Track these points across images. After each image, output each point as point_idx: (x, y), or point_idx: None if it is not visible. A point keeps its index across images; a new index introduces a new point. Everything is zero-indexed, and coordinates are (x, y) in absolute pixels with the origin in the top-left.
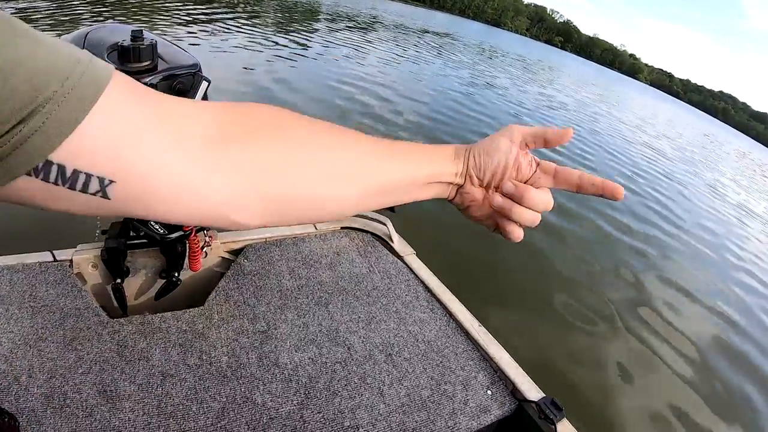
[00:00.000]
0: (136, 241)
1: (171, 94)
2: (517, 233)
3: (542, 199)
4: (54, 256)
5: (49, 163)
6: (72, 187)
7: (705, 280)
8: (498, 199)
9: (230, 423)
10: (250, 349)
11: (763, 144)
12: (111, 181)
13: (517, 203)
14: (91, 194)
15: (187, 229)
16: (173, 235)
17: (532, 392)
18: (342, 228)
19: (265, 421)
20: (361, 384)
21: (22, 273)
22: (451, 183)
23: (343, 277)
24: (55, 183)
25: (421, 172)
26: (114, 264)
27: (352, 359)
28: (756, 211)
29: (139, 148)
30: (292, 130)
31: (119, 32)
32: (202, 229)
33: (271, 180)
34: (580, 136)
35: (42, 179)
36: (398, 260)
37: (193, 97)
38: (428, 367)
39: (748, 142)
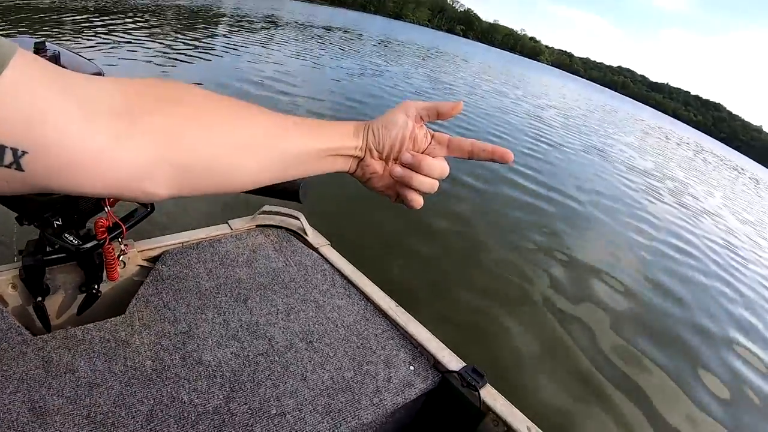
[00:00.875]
0: (53, 257)
1: None
2: (418, 200)
3: (438, 166)
4: None
5: None
6: None
7: (603, 241)
8: (398, 170)
9: (159, 424)
10: (173, 351)
11: (662, 111)
12: (24, 152)
13: (416, 172)
14: (5, 166)
15: (101, 238)
16: (87, 245)
17: (453, 363)
18: (257, 226)
19: (193, 417)
20: (284, 372)
21: None
22: (352, 156)
23: (260, 273)
24: None
25: (323, 145)
26: (33, 282)
27: (274, 350)
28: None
29: (49, 120)
30: (198, 102)
31: (23, 45)
32: (115, 237)
33: (180, 149)
34: (486, 114)
35: None
36: (313, 252)
37: None
38: (349, 349)
39: (649, 112)
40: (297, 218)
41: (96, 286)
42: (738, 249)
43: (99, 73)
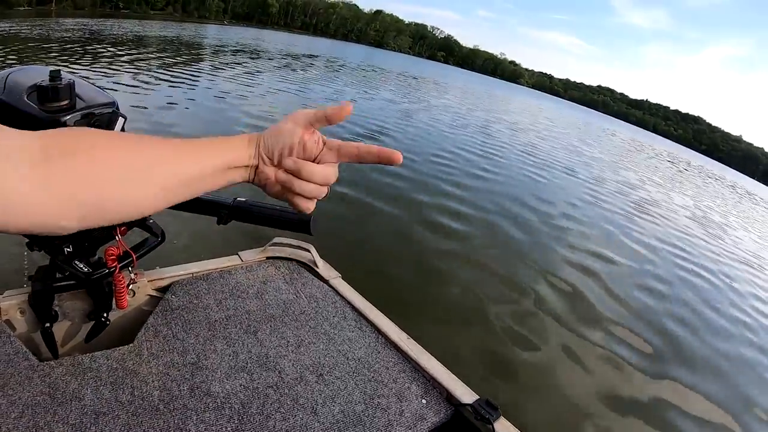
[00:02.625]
0: (62, 283)
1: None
2: (305, 204)
3: (320, 172)
4: None
5: None
6: None
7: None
8: (281, 175)
9: None
10: (181, 381)
11: (642, 128)
12: None
13: (297, 178)
14: None
15: (111, 266)
16: (97, 273)
17: (467, 396)
18: (267, 258)
19: None
20: (294, 405)
21: None
22: (247, 166)
23: (270, 305)
24: None
25: (218, 161)
26: (42, 308)
27: (284, 382)
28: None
29: None
30: (96, 146)
31: (39, 73)
32: (126, 266)
33: (84, 190)
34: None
35: None
36: (324, 284)
37: None
38: (360, 382)
39: (627, 128)
40: (308, 250)
41: (105, 314)
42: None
43: (112, 102)
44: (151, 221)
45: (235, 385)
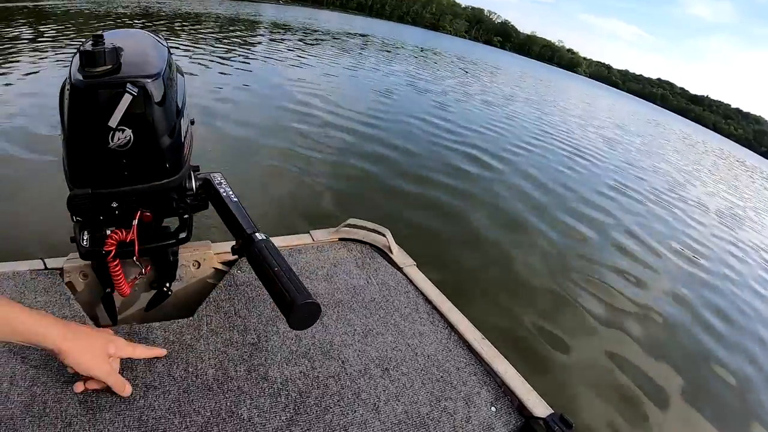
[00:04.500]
0: (124, 249)
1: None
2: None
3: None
4: (45, 265)
5: None
6: None
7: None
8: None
9: None
10: (238, 362)
11: (701, 125)
12: None
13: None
14: None
15: (107, 249)
16: (92, 251)
17: (540, 408)
18: (340, 239)
19: None
20: (355, 400)
21: (12, 280)
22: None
23: (339, 289)
24: None
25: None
26: (105, 274)
27: (346, 373)
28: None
29: None
30: None
31: (129, 36)
32: (123, 255)
33: None
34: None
35: None
36: (398, 271)
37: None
38: (428, 382)
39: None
40: (383, 234)
41: (167, 285)
42: None
43: (156, 74)
44: (187, 216)
45: (295, 372)
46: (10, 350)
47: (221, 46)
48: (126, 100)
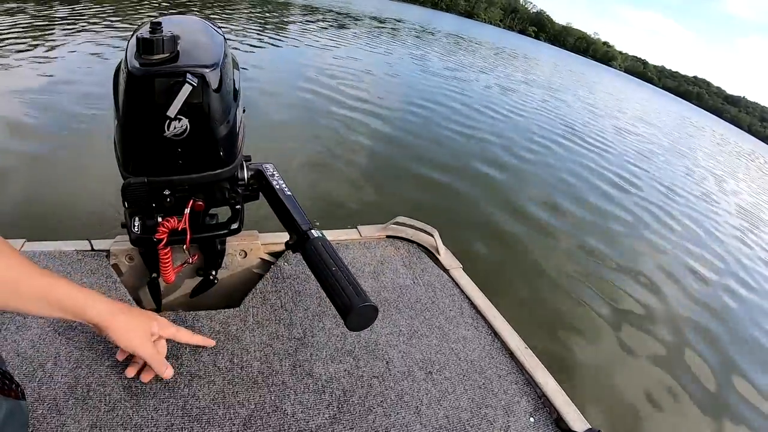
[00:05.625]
0: (175, 237)
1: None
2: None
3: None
4: (92, 246)
5: None
6: None
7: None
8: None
9: (257, 431)
10: (283, 356)
11: (736, 126)
12: None
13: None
14: None
15: (159, 237)
16: (143, 237)
17: (578, 423)
18: (387, 237)
19: None
20: (398, 401)
21: (59, 260)
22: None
23: (385, 288)
24: None
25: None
26: (151, 258)
27: (390, 374)
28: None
29: None
30: None
31: (184, 23)
32: (174, 243)
33: None
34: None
35: None
36: (444, 273)
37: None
38: (469, 388)
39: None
40: (431, 234)
41: (214, 272)
42: None
43: (214, 65)
44: (239, 207)
45: (339, 370)
46: (55, 330)
47: (255, 28)
48: (186, 90)
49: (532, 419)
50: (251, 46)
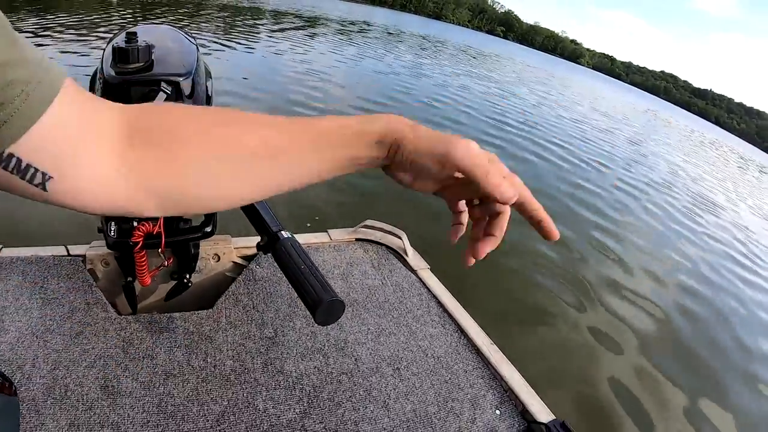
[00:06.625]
0: (150, 241)
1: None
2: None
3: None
4: (68, 251)
5: (10, 155)
6: (22, 177)
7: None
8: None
9: (230, 427)
10: (255, 355)
11: (704, 119)
12: (50, 177)
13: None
14: (33, 185)
15: (135, 241)
16: (119, 241)
17: (543, 414)
18: (357, 239)
19: (265, 427)
20: (366, 396)
21: (35, 265)
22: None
23: (354, 289)
24: (10, 171)
25: (338, 157)
26: (126, 262)
27: (359, 371)
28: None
29: (74, 149)
30: (190, 130)
31: (154, 32)
32: (149, 247)
33: (165, 182)
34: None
35: (2, 167)
36: (412, 274)
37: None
38: (436, 383)
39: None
40: (399, 237)
41: (188, 276)
42: None
43: (187, 73)
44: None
45: (309, 367)
46: (33, 333)
47: (224, 33)
48: (160, 98)
49: (498, 411)
50: (221, 52)
